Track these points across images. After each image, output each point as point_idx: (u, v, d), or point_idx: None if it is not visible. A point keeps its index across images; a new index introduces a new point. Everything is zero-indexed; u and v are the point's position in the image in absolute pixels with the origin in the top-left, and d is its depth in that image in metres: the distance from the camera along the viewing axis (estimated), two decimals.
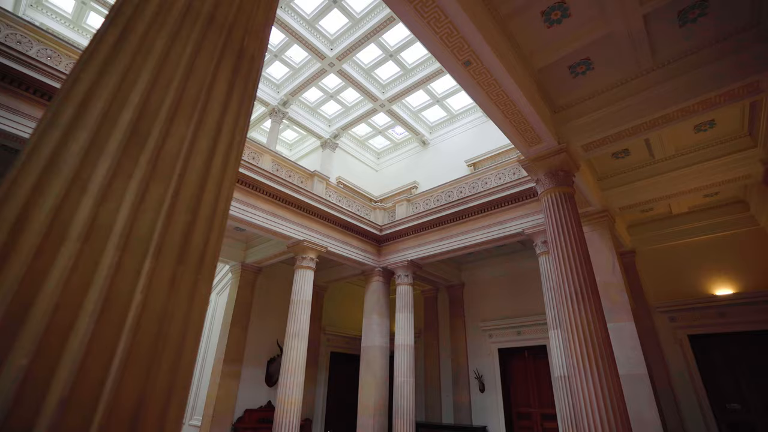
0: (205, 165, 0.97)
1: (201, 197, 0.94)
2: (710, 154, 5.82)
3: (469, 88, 4.00)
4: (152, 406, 0.72)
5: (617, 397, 3.83)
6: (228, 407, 8.67)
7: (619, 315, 6.09)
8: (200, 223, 0.92)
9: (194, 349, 0.90)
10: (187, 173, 0.91)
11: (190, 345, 0.86)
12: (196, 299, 0.90)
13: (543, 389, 8.91)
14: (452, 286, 10.97)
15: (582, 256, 4.37)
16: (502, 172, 7.94)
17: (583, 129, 4.75)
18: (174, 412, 0.79)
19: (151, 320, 0.75)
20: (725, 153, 5.72)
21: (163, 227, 0.82)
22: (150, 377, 0.72)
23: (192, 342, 0.87)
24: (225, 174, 1.04)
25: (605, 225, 6.64)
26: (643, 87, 4.36)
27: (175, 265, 0.82)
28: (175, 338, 0.81)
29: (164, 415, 0.76)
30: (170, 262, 0.82)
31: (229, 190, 1.06)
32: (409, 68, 11.12)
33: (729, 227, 7.66)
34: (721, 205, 7.71)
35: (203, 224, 0.93)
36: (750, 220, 7.48)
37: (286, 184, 7.70)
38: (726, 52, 3.85)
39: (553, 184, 4.79)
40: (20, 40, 5.00)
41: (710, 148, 5.80)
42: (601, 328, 4.10)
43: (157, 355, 0.74)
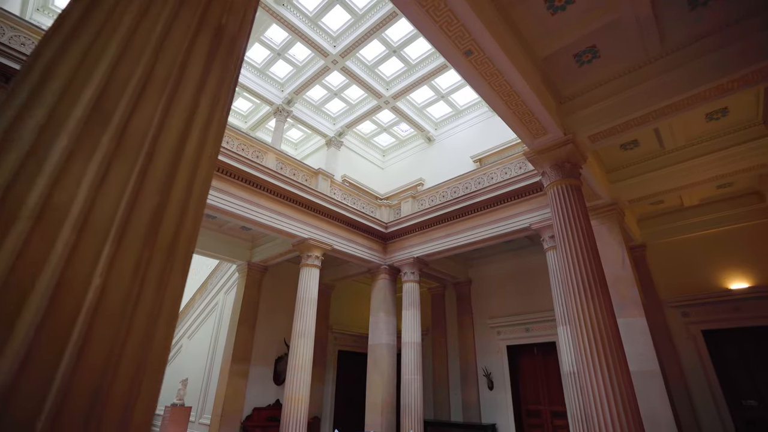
0: (178, 145, 0.92)
1: (173, 179, 0.88)
2: (723, 143, 5.65)
3: (472, 79, 3.92)
4: (115, 396, 0.68)
5: (628, 393, 3.73)
6: (237, 406, 8.70)
7: (629, 310, 5.96)
8: (172, 207, 0.87)
9: (167, 337, 0.85)
10: (157, 153, 0.86)
11: (162, 333, 0.81)
12: (169, 286, 0.85)
13: (553, 386, 8.78)
14: (459, 283, 10.88)
15: (590, 249, 4.27)
16: (508, 166, 7.83)
17: (589, 119, 4.63)
18: (143, 403, 0.75)
19: (112, 305, 0.70)
20: (739, 142, 5.55)
21: (127, 209, 0.77)
22: (111, 365, 0.67)
23: (164, 329, 0.82)
24: (201, 156, 0.99)
25: (614, 218, 6.51)
26: (651, 74, 4.23)
27: (141, 249, 0.77)
28: (143, 325, 0.76)
29: (130, 406, 0.71)
30: (135, 246, 0.76)
31: (206, 173, 1.01)
32: (413, 64, 11.03)
33: (743, 219, 7.45)
34: (735, 197, 7.50)
35: (175, 208, 0.87)
36: (765, 211, 7.27)
37: (290, 182, 7.68)
38: (738, 36, 3.70)
39: (560, 177, 4.68)
40: (24, 42, 5.04)
41: (723, 137, 5.63)
42: (610, 324, 4.00)
43: (120, 342, 0.69)
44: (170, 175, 0.87)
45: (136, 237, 0.77)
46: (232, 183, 6.95)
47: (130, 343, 0.72)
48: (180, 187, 0.90)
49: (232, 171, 6.92)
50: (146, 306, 0.77)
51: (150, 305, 0.78)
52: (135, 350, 0.73)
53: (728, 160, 5.69)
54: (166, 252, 0.84)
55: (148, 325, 0.76)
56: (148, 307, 0.77)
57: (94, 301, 0.67)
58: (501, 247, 9.98)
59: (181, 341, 12.06)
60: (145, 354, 0.75)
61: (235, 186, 6.99)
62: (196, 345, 11.22)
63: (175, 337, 12.36)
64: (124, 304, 0.72)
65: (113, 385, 0.67)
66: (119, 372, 0.69)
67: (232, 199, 6.90)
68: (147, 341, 0.76)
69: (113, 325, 0.69)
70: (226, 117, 1.14)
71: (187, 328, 11.99)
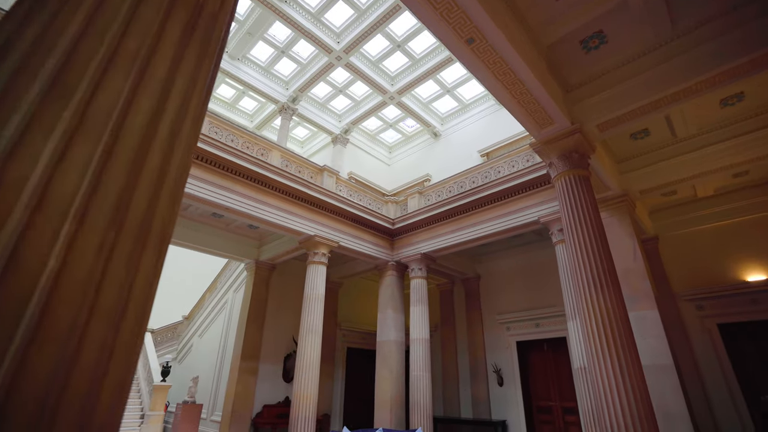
0: (149, 126, 0.87)
1: (144, 160, 0.84)
2: (739, 129, 5.46)
3: (475, 68, 3.83)
4: (74, 387, 0.63)
5: (640, 388, 3.64)
6: (247, 403, 8.75)
7: (641, 303, 5.83)
8: (142, 189, 0.82)
9: (139, 325, 0.80)
10: (125, 133, 0.82)
11: (133, 319, 0.77)
12: (141, 269, 0.81)
13: (563, 382, 8.66)
14: (468, 279, 10.79)
15: (599, 240, 4.17)
16: (515, 159, 7.71)
17: (597, 107, 4.52)
18: (109, 397, 0.70)
19: (71, 287, 0.66)
20: (756, 128, 5.36)
21: (89, 189, 0.72)
22: (69, 350, 0.63)
23: (135, 316, 0.78)
24: (177, 137, 0.95)
25: (624, 210, 6.36)
26: (662, 59, 4.10)
27: (105, 231, 0.73)
28: (109, 310, 0.72)
29: (93, 399, 0.66)
30: (99, 227, 0.72)
31: (183, 156, 0.97)
32: (418, 58, 10.93)
33: (760, 209, 7.23)
34: (752, 186, 7.28)
35: (146, 189, 0.83)
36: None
37: (295, 179, 7.67)
38: (755, 14, 3.55)
39: (567, 167, 4.58)
40: None
41: (739, 124, 5.44)
42: (621, 317, 3.90)
43: (80, 325, 0.65)
44: (141, 157, 0.83)
45: (100, 217, 0.73)
46: (237, 181, 6.96)
47: (93, 327, 0.68)
48: (152, 168, 0.86)
49: (237, 169, 6.93)
50: (113, 289, 0.73)
51: (117, 289, 0.74)
52: (99, 334, 0.69)
53: (744, 148, 5.51)
54: (137, 234, 0.80)
55: (114, 308, 0.73)
56: (114, 290, 0.73)
57: (50, 283, 0.63)
58: (509, 242, 9.86)
59: (192, 340, 12.18)
60: (112, 342, 0.71)
61: (240, 184, 7.00)
62: (206, 343, 11.32)
63: (185, 336, 12.53)
64: (85, 286, 0.68)
65: (73, 371, 0.63)
66: (81, 358, 0.65)
67: (238, 197, 6.91)
68: (114, 325, 0.72)
69: (72, 308, 0.65)
70: (206, 99, 1.10)
71: (197, 327, 12.11)
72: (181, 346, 12.63)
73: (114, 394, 0.71)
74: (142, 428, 9.12)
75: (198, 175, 6.46)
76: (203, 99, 1.06)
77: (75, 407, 0.62)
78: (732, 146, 5.58)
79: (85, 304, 0.67)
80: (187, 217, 8.67)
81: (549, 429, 8.65)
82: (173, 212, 0.92)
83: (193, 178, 6.38)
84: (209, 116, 6.89)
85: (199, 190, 6.41)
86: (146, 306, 0.82)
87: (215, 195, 6.61)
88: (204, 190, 6.48)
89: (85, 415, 0.64)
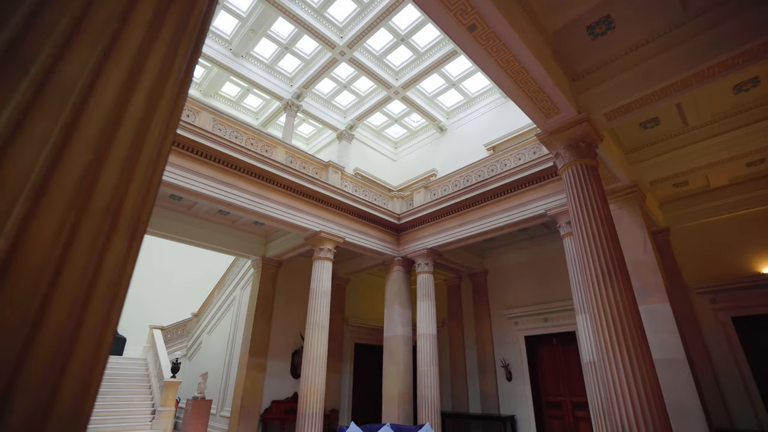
0: (119, 102, 0.82)
1: (112, 137, 0.79)
2: (754, 116, 5.28)
3: (478, 57, 3.74)
4: (27, 379, 0.59)
5: (651, 382, 3.54)
6: (255, 399, 8.80)
7: (652, 296, 5.70)
8: (110, 168, 0.78)
9: (108, 312, 0.76)
10: (90, 108, 0.77)
11: (99, 306, 0.72)
12: (109, 253, 0.76)
13: (573, 377, 8.55)
14: (475, 274, 10.70)
15: (608, 232, 4.06)
16: (522, 152, 7.59)
17: (605, 95, 4.39)
18: (70, 388, 0.66)
19: (22, 272, 0.61)
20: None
21: (47, 165, 0.68)
22: (16, 342, 0.59)
23: (101, 302, 0.73)
24: (153, 117, 0.90)
25: (634, 201, 6.22)
26: (672, 43, 3.96)
27: (65, 210, 0.68)
28: (71, 295, 0.67)
29: (51, 392, 0.62)
30: (59, 206, 0.67)
31: (160, 137, 0.92)
32: (422, 52, 10.82)
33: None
34: (767, 175, 7.07)
35: (115, 169, 0.78)
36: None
37: (300, 175, 7.64)
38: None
39: (574, 157, 4.47)
40: None
41: (754, 110, 5.26)
42: (631, 310, 3.81)
43: (31, 315, 0.60)
44: (108, 132, 0.78)
45: (59, 196, 0.68)
46: (241, 177, 6.96)
47: (50, 318, 0.64)
48: (122, 147, 0.81)
49: (241, 165, 6.92)
50: (75, 273, 0.68)
51: (81, 273, 0.69)
52: (57, 326, 0.65)
53: (759, 135, 5.33)
54: (103, 215, 0.75)
55: (78, 295, 0.68)
56: (77, 274, 0.68)
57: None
58: (517, 236, 9.75)
59: (201, 337, 12.29)
60: (75, 330, 0.66)
61: (244, 180, 6.99)
62: (215, 340, 11.41)
63: (195, 333, 12.65)
64: (41, 270, 0.63)
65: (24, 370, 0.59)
66: (35, 354, 0.61)
67: (242, 193, 6.91)
68: (77, 315, 0.68)
69: (24, 293, 0.61)
70: (187, 77, 1.05)
71: (206, 324, 12.21)
72: (191, 343, 12.76)
73: (77, 388, 0.67)
74: (154, 423, 9.23)
75: (202, 172, 6.47)
76: (183, 77, 1.01)
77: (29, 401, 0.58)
78: (746, 134, 5.40)
79: (38, 291, 0.63)
80: (193, 215, 8.71)
81: (558, 424, 8.56)
82: (149, 195, 0.87)
83: (197, 174, 6.39)
84: (213, 113, 6.88)
85: (203, 187, 6.41)
86: (116, 295, 0.77)
87: (220, 191, 6.61)
88: (208, 186, 6.48)
89: (41, 407, 0.59)
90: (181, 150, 6.28)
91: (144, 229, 0.85)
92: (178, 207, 8.37)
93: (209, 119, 6.77)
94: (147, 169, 0.85)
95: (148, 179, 0.85)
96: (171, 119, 0.94)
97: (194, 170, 6.38)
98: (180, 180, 6.18)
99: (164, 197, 7.90)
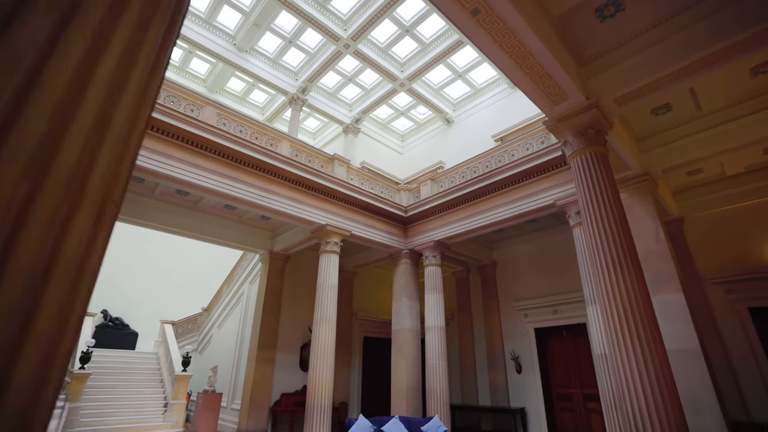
0: (80, 69, 0.77)
1: (74, 107, 0.74)
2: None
3: (481, 42, 3.64)
4: None
5: (665, 373, 3.46)
6: (265, 391, 8.88)
7: (665, 286, 5.57)
8: (72, 139, 0.73)
9: (69, 296, 0.72)
10: (47, 74, 0.72)
11: (59, 287, 0.68)
12: (70, 236, 0.72)
13: (584, 369, 8.45)
14: (484, 266, 10.60)
15: (619, 220, 3.96)
16: (530, 141, 7.46)
17: (615, 80, 4.26)
18: (23, 374, 0.62)
19: None
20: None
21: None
22: None
23: (61, 283, 0.69)
24: (123, 88, 0.85)
25: (646, 190, 6.06)
26: (685, 24, 3.81)
27: (16, 182, 0.63)
28: (23, 276, 0.63)
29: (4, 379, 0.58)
30: (8, 179, 0.63)
31: (132, 110, 0.88)
32: (427, 43, 10.66)
33: None
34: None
35: (77, 141, 0.73)
36: None
37: (305, 168, 7.62)
38: None
39: (583, 145, 4.36)
40: None
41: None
42: (643, 301, 3.71)
43: None
44: (69, 103, 0.73)
45: (10, 167, 0.64)
46: (246, 171, 6.95)
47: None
48: (86, 117, 0.76)
49: (246, 159, 6.91)
50: (29, 252, 0.64)
51: (36, 252, 0.65)
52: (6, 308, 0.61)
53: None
54: (65, 191, 0.71)
55: (33, 276, 0.64)
56: (32, 253, 0.64)
57: None
58: (525, 228, 9.62)
59: (211, 331, 12.43)
60: (29, 314, 0.62)
61: (250, 174, 6.99)
62: (225, 334, 11.53)
63: (205, 328, 12.79)
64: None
65: None
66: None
67: (248, 187, 6.90)
68: (31, 298, 0.64)
69: None
70: (164, 49, 1.00)
71: (216, 319, 12.33)
72: (201, 338, 12.91)
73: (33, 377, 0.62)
74: (166, 416, 9.37)
75: (207, 167, 6.47)
76: (157, 51, 0.96)
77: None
78: (764, 118, 5.21)
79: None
80: (200, 210, 8.76)
81: (569, 416, 8.48)
82: (119, 172, 0.83)
83: (202, 169, 6.40)
84: (217, 107, 6.87)
85: (209, 182, 6.42)
86: (78, 279, 0.72)
87: (225, 186, 6.62)
88: (214, 181, 6.49)
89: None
90: (186, 145, 6.29)
91: (116, 209, 0.81)
92: (185, 202, 8.42)
93: (213, 114, 6.77)
94: (117, 143, 0.81)
95: (118, 154, 0.81)
96: (145, 94, 0.89)
97: (199, 165, 6.39)
98: (185, 175, 6.19)
99: (171, 193, 7.94)
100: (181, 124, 6.11)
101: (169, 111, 5.99)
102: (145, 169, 5.86)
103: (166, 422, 9.26)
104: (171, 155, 6.11)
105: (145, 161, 5.81)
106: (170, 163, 6.08)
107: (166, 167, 6.03)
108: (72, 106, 0.72)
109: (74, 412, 7.95)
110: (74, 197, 0.71)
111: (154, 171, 5.93)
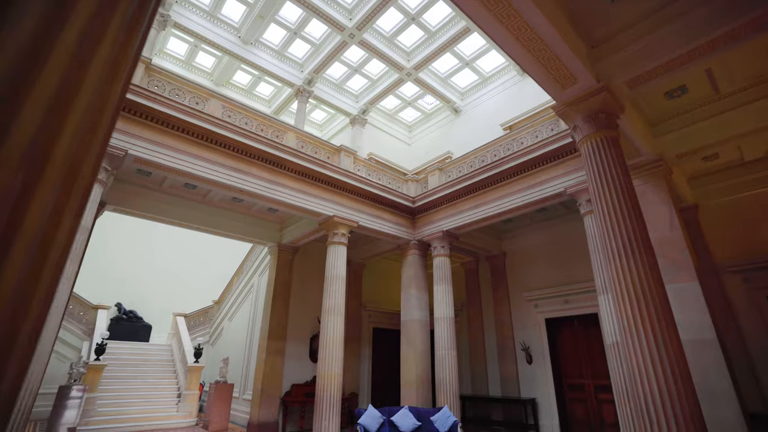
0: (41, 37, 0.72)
1: (34, 78, 0.69)
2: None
3: (487, 25, 3.53)
4: None
5: (679, 363, 3.36)
6: (275, 382, 8.97)
7: (679, 275, 5.43)
8: (30, 112, 0.68)
9: (30, 287, 0.67)
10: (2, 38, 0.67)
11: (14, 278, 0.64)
12: (30, 212, 0.67)
13: (596, 359, 8.34)
14: (493, 257, 10.50)
15: (631, 206, 3.84)
16: (539, 129, 7.30)
17: (627, 61, 4.10)
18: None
19: None
20: None
21: None
22: None
23: (19, 273, 0.65)
24: (91, 58, 0.79)
25: (660, 176, 5.89)
26: (701, 1, 3.64)
27: None
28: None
29: None
30: None
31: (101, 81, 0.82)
32: (434, 31, 10.48)
33: None
34: None
35: (35, 115, 0.69)
36: None
37: (312, 159, 7.58)
38: None
39: (593, 129, 4.22)
40: None
41: None
42: (656, 289, 3.60)
43: None
44: (27, 74, 0.68)
45: None
46: (253, 163, 6.95)
47: None
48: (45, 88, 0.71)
49: (252, 152, 6.90)
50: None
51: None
52: None
53: None
54: (18, 163, 0.66)
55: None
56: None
57: None
58: (535, 217, 9.48)
59: (223, 323, 12.59)
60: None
61: (256, 166, 6.98)
62: (235, 326, 11.67)
63: (216, 320, 12.96)
64: None
65: None
66: None
67: (254, 179, 6.90)
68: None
69: None
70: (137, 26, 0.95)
71: (227, 311, 12.48)
72: (213, 330, 13.09)
73: None
74: (180, 406, 9.56)
75: (214, 159, 6.48)
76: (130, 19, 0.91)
77: None
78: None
79: None
80: (208, 203, 8.81)
81: (581, 407, 8.41)
82: (90, 144, 0.78)
83: (209, 162, 6.41)
84: (222, 100, 6.86)
85: (216, 174, 6.44)
86: (43, 260, 0.68)
87: (232, 178, 6.63)
88: (221, 173, 6.50)
89: None
90: (192, 137, 6.30)
91: (87, 185, 0.76)
92: (193, 195, 8.47)
93: (219, 106, 6.75)
94: (85, 113, 0.76)
95: (88, 124, 0.76)
96: (118, 66, 0.84)
97: (206, 158, 6.40)
98: (192, 167, 6.20)
99: (179, 186, 7.99)
100: (186, 117, 6.11)
101: (174, 104, 5.99)
102: (151, 162, 5.89)
103: (180, 412, 9.44)
104: (177, 148, 6.12)
105: (151, 154, 5.83)
106: (177, 156, 6.10)
107: (174, 160, 6.05)
108: (29, 74, 0.67)
109: (91, 402, 8.15)
110: (32, 173, 0.66)
111: (161, 164, 5.95)
